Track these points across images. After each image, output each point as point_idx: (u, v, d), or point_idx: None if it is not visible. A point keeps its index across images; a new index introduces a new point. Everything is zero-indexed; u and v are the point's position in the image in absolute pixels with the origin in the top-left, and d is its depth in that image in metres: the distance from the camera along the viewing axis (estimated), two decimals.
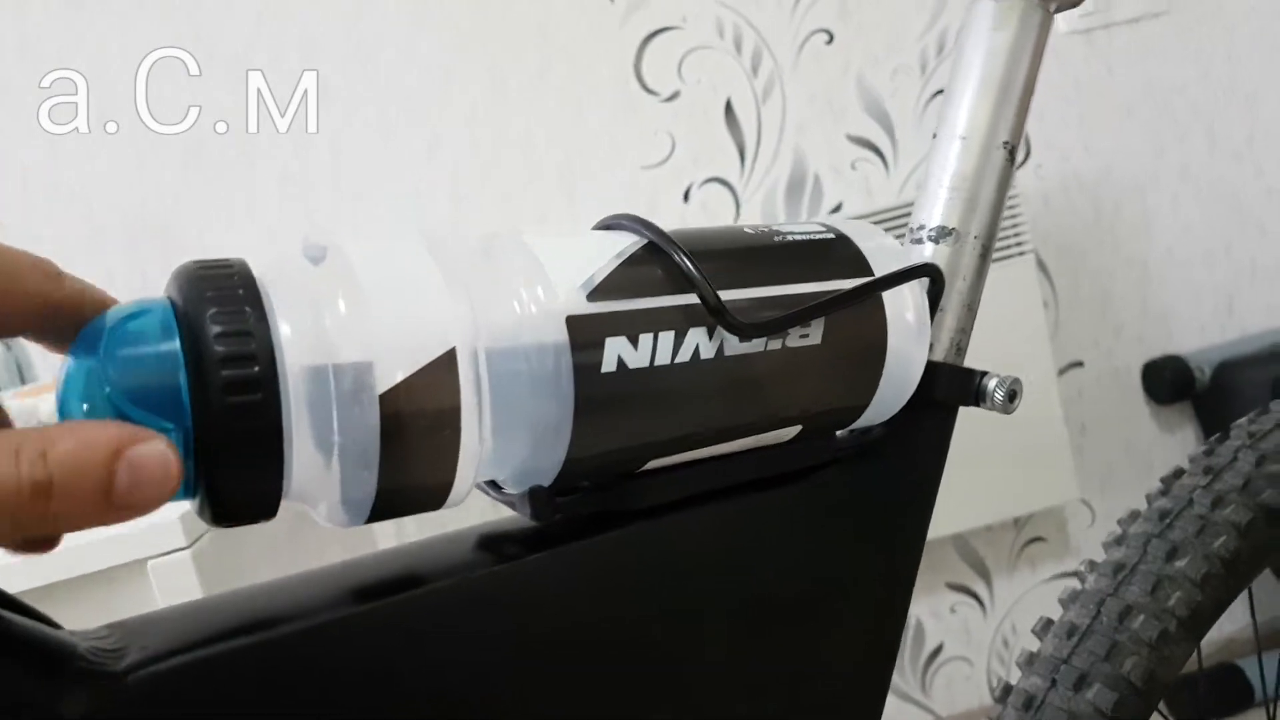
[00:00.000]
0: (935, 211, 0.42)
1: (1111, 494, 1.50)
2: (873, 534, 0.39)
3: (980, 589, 1.48)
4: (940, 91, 1.32)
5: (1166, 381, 1.44)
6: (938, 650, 1.48)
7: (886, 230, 0.93)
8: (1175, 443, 1.52)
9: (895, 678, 1.46)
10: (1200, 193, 1.49)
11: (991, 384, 0.39)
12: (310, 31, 1.27)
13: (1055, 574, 1.50)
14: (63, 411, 0.23)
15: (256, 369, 0.24)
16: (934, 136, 0.44)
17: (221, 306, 0.24)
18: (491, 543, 0.32)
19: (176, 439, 0.23)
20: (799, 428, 0.35)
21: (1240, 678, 1.39)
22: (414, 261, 0.27)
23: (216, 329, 0.23)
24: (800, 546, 0.37)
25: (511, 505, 0.33)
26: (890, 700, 1.18)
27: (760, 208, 1.39)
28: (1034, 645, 0.54)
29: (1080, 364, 1.49)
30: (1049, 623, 0.54)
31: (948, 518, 1.36)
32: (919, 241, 0.42)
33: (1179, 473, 0.56)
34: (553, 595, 0.31)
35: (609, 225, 0.34)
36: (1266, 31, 1.47)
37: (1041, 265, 1.46)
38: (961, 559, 1.48)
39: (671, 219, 1.38)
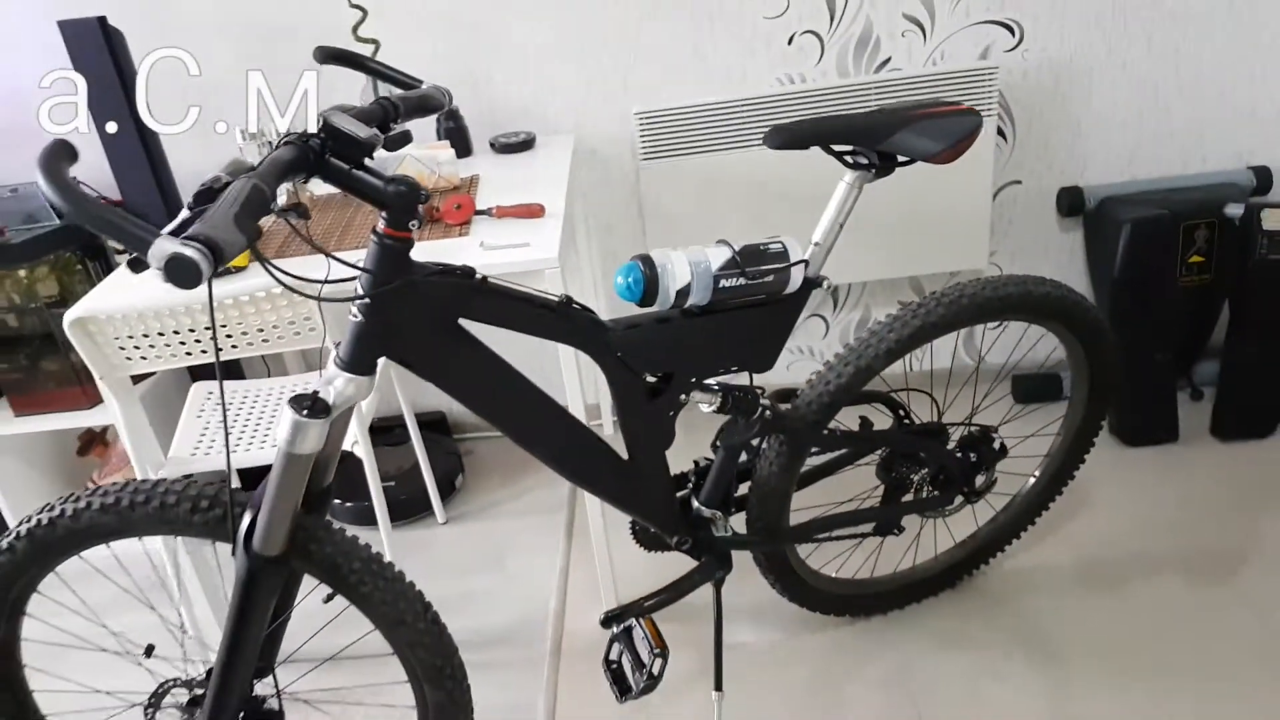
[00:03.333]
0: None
1: (1019, 263, 2.42)
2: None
3: None
4: None
5: (1066, 203, 2.31)
6: None
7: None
8: (1067, 240, 2.41)
9: None
10: (1131, 81, 2.25)
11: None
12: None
13: None
14: None
15: None
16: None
17: None
18: None
19: None
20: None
21: (1056, 380, 2.40)
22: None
23: None
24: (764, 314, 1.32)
25: None
26: None
27: (837, 55, 2.20)
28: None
29: (1019, 181, 2.35)
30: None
31: (906, 264, 2.31)
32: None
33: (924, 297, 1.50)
34: None
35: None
36: None
37: (1009, 115, 2.27)
38: (912, 290, 2.45)
39: (775, 55, 2.20)
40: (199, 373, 2.14)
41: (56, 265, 2.09)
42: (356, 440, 1.67)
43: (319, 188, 1.99)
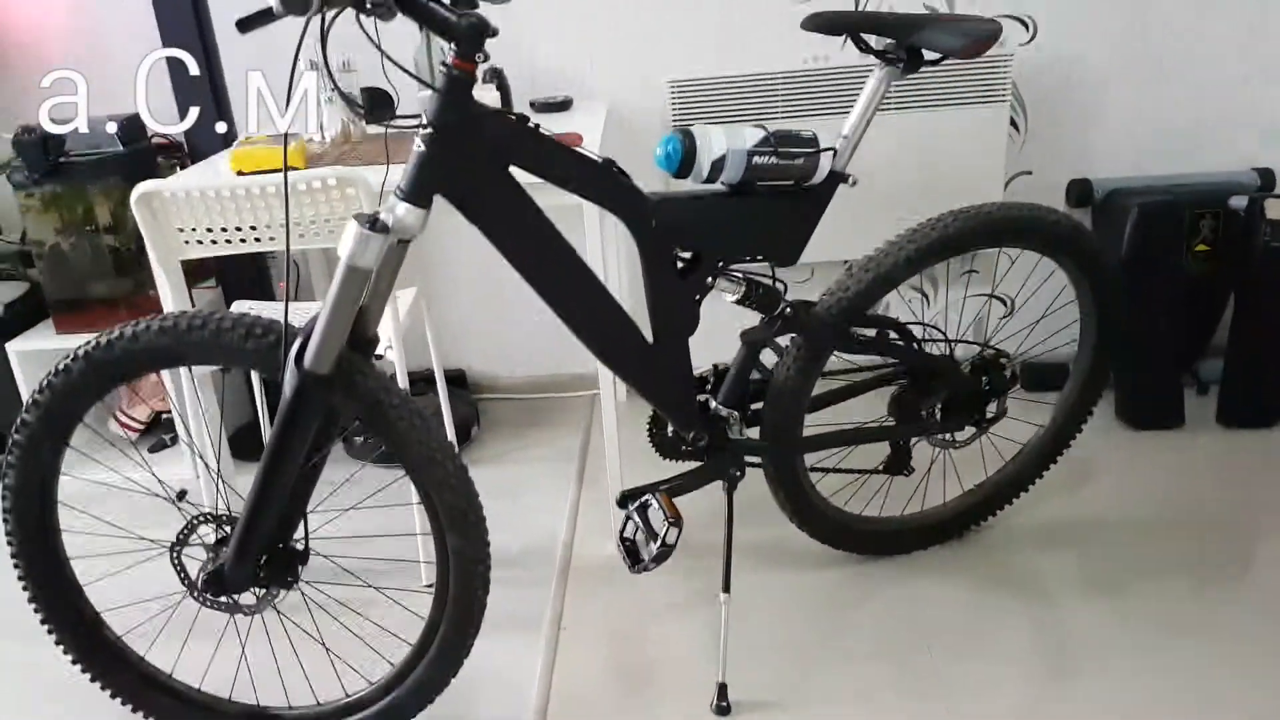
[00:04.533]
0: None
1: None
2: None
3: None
4: None
5: (1075, 194, 2.41)
6: None
7: None
8: None
9: None
10: (1140, 80, 2.36)
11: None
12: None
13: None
14: None
15: None
16: None
17: None
18: None
19: None
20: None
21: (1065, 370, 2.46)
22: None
23: None
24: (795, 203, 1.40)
25: None
26: None
27: None
28: None
29: (1030, 172, 2.45)
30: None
31: None
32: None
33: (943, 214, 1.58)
34: None
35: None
36: None
37: (1022, 107, 2.38)
38: (925, 278, 2.53)
39: (801, 37, 2.32)
40: (234, 294, 2.24)
41: (111, 195, 2.19)
42: (390, 344, 1.74)
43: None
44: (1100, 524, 1.90)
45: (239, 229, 1.63)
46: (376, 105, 2.09)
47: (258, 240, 1.64)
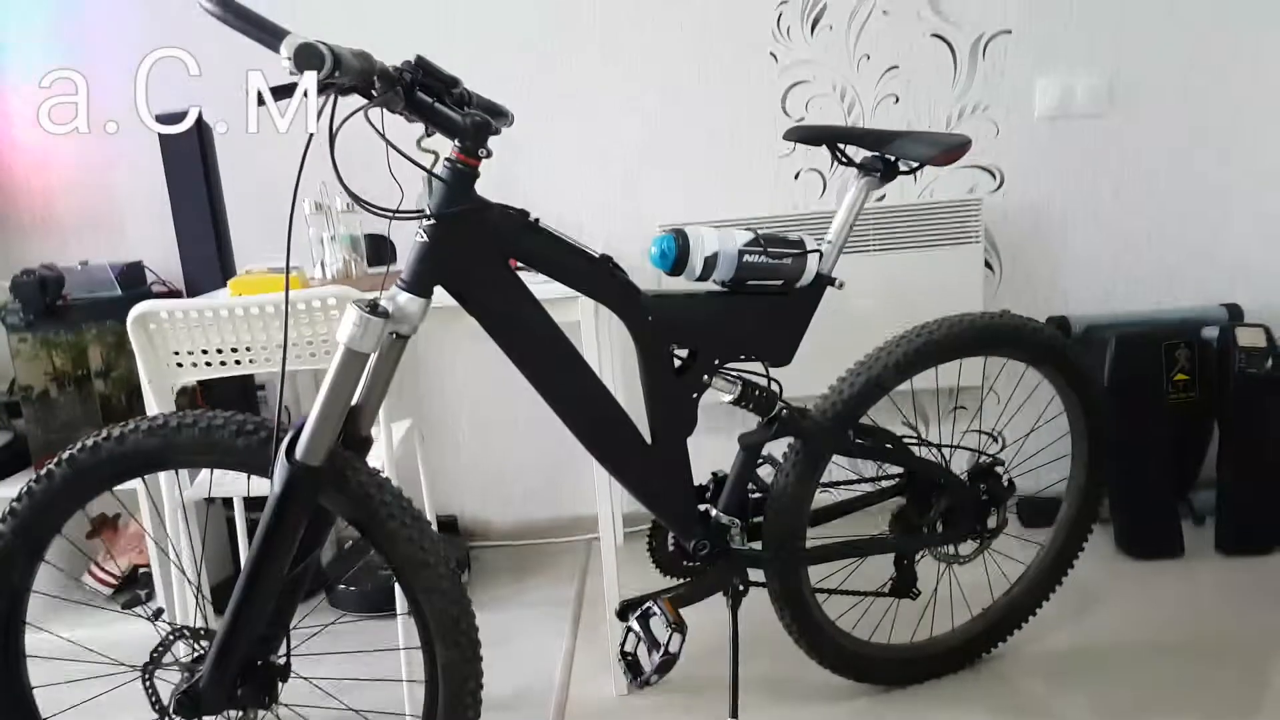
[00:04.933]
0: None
1: (1009, 386, 2.54)
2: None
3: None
4: None
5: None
6: None
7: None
8: None
9: None
10: (1103, 225, 2.49)
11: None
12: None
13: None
14: None
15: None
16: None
17: None
18: None
19: None
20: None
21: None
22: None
23: None
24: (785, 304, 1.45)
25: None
26: None
27: (837, 189, 2.45)
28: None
29: (1008, 310, 2.52)
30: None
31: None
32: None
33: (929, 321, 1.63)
34: None
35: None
36: (1163, 133, 2.44)
37: (995, 249, 2.49)
38: (914, 409, 2.55)
39: (784, 189, 2.45)
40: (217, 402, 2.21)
41: (104, 338, 2.21)
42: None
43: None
44: (1108, 653, 1.82)
45: (234, 350, 1.64)
46: (378, 250, 2.15)
47: (252, 361, 1.64)
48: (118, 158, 2.48)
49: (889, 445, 1.56)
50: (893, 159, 1.42)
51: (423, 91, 1.12)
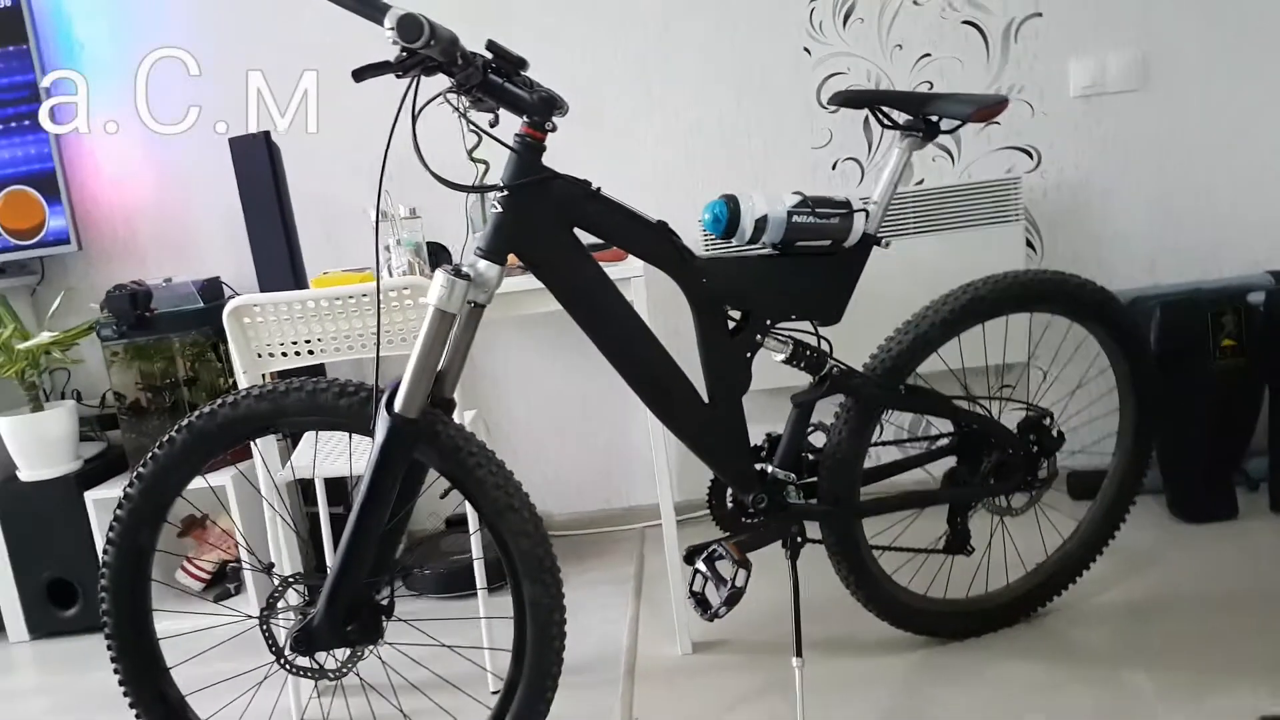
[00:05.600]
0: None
1: (1059, 363, 2.59)
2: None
3: None
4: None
5: None
6: None
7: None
8: None
9: None
10: (1143, 199, 2.54)
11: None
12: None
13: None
14: None
15: None
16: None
17: None
18: None
19: None
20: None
21: None
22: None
23: None
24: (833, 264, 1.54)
25: None
26: None
27: (872, 176, 2.54)
28: None
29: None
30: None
31: (953, 359, 2.50)
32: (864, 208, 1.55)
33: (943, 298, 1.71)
34: None
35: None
36: (1199, 105, 2.49)
37: (1035, 228, 2.56)
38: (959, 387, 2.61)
39: (823, 179, 2.54)
40: None
41: (188, 349, 2.38)
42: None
43: None
44: (1164, 607, 1.86)
45: (309, 341, 1.77)
46: (437, 255, 2.29)
47: (336, 350, 1.77)
48: (192, 176, 2.66)
49: (939, 398, 1.63)
50: (934, 118, 1.51)
51: (494, 74, 1.24)
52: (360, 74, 1.11)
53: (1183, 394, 2.28)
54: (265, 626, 1.35)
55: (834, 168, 2.55)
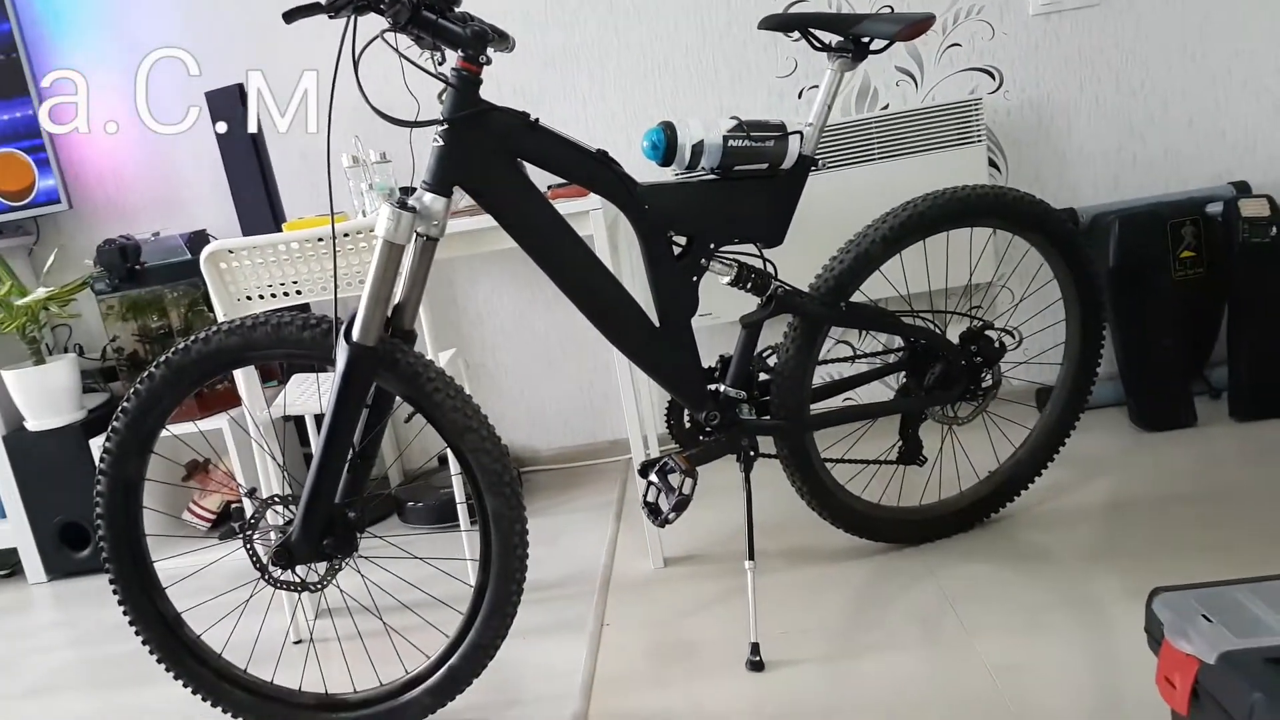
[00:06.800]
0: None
1: (1023, 283, 2.65)
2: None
3: None
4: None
5: None
6: None
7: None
8: None
9: None
10: (1105, 114, 2.57)
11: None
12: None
13: None
14: None
15: None
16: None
17: None
18: None
19: None
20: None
21: None
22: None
23: None
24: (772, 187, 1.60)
25: None
26: None
27: (840, 104, 2.58)
28: None
29: None
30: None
31: (916, 283, 2.56)
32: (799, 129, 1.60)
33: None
34: None
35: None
36: (1158, 18, 2.51)
37: (1000, 149, 2.60)
38: None
39: (790, 107, 2.58)
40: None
41: (180, 300, 2.46)
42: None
43: None
44: (1116, 506, 1.95)
45: (292, 283, 1.85)
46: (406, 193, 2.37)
47: (320, 290, 1.86)
48: (176, 142, 2.72)
49: (880, 312, 1.70)
50: (864, 39, 1.56)
51: (427, 10, 1.30)
52: (291, 15, 1.17)
53: (1143, 305, 2.34)
54: (249, 546, 1.46)
55: (799, 96, 2.59)
